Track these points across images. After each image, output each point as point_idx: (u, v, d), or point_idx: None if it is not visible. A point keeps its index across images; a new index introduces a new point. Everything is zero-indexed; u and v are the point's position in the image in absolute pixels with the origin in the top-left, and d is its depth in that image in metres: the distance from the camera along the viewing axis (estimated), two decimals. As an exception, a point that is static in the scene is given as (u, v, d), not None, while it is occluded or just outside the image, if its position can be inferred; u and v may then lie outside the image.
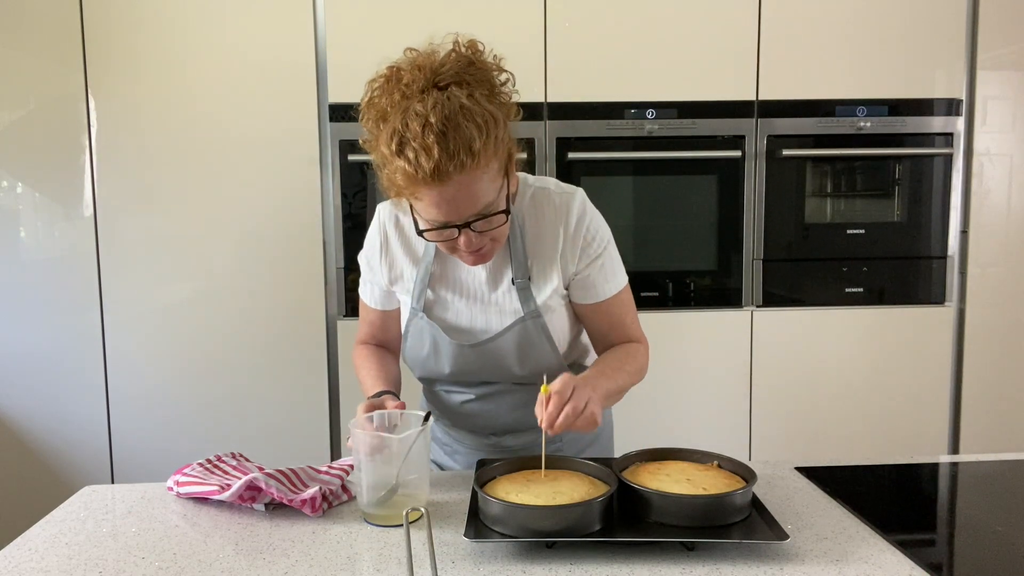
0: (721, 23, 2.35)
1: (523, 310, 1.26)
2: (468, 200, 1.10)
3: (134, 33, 2.26)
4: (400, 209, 1.29)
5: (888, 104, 2.39)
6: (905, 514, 1.15)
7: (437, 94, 1.08)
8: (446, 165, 1.05)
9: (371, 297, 1.39)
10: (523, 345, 1.27)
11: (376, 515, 1.10)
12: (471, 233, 1.13)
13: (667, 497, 1.02)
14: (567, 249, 1.26)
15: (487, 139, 1.07)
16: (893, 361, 2.45)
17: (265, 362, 2.34)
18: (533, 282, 1.27)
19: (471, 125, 1.06)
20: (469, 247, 1.14)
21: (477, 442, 1.39)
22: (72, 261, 2.31)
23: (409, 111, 1.07)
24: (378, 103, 1.13)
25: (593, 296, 1.30)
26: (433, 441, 1.46)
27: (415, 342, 1.32)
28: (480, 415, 1.36)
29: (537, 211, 1.27)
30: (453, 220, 1.11)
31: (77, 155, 2.29)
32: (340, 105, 2.28)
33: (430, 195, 1.08)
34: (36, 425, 2.34)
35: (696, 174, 2.40)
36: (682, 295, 2.42)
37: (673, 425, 2.42)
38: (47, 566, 0.98)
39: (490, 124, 1.08)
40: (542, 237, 1.26)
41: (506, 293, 1.27)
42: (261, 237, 2.32)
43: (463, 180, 1.07)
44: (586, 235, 1.27)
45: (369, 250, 1.35)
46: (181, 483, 1.19)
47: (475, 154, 1.06)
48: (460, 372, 1.31)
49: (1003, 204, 2.45)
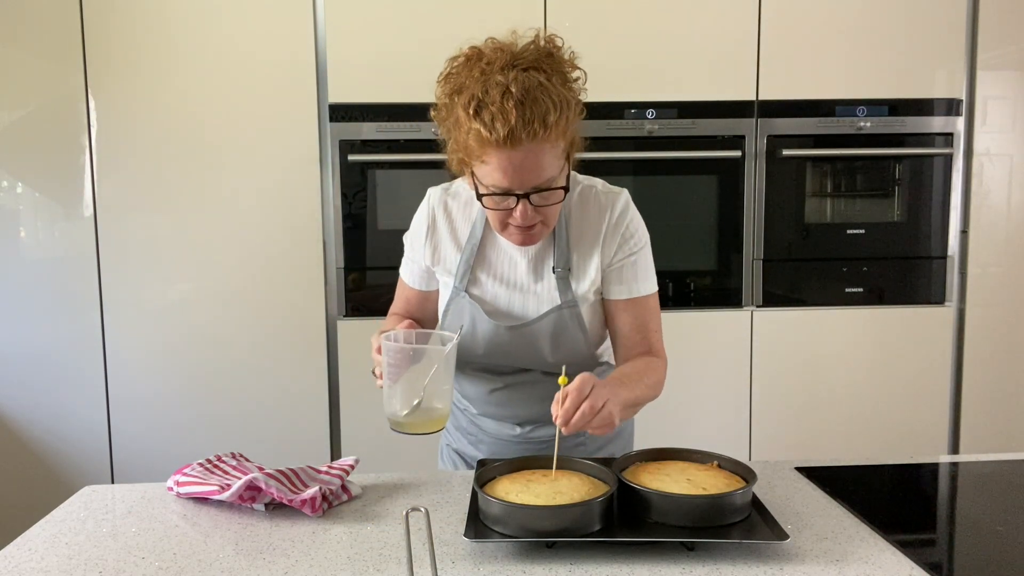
0: (721, 23, 2.35)
1: (560, 299, 1.29)
2: (533, 169, 1.14)
3: (134, 33, 2.26)
4: (449, 195, 1.35)
5: (888, 104, 2.39)
6: (905, 514, 1.15)
7: (517, 71, 1.14)
8: (520, 131, 1.10)
9: (411, 276, 1.41)
10: (557, 333, 1.30)
11: (407, 423, 1.15)
12: (528, 205, 1.17)
13: (667, 497, 1.02)
14: (608, 240, 1.30)
15: (560, 117, 1.13)
16: (893, 361, 2.45)
17: (265, 362, 2.34)
18: (573, 273, 1.30)
19: (547, 100, 1.12)
20: (524, 219, 1.18)
21: (502, 432, 1.40)
22: (72, 261, 2.31)
23: (490, 80, 1.13)
24: (456, 77, 1.18)
25: (625, 292, 1.32)
26: (458, 430, 1.47)
27: (455, 320, 1.33)
28: (507, 404, 1.37)
29: (583, 205, 1.31)
30: (515, 188, 1.15)
31: (77, 155, 2.29)
32: (340, 105, 2.28)
33: (499, 159, 1.13)
34: (36, 425, 2.34)
35: (696, 174, 2.40)
36: (682, 295, 2.42)
37: (673, 425, 2.42)
38: (47, 566, 0.98)
39: (563, 105, 1.15)
40: (585, 231, 1.30)
41: (545, 282, 1.31)
42: (261, 237, 2.32)
43: (532, 149, 1.12)
44: (626, 230, 1.31)
45: (415, 231, 1.38)
46: (181, 483, 1.19)
47: (548, 126, 1.12)
48: (493, 354, 1.32)
49: (1003, 204, 2.45)
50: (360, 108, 2.27)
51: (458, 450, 1.48)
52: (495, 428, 1.41)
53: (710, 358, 2.42)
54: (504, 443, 1.41)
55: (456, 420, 1.47)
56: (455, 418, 1.47)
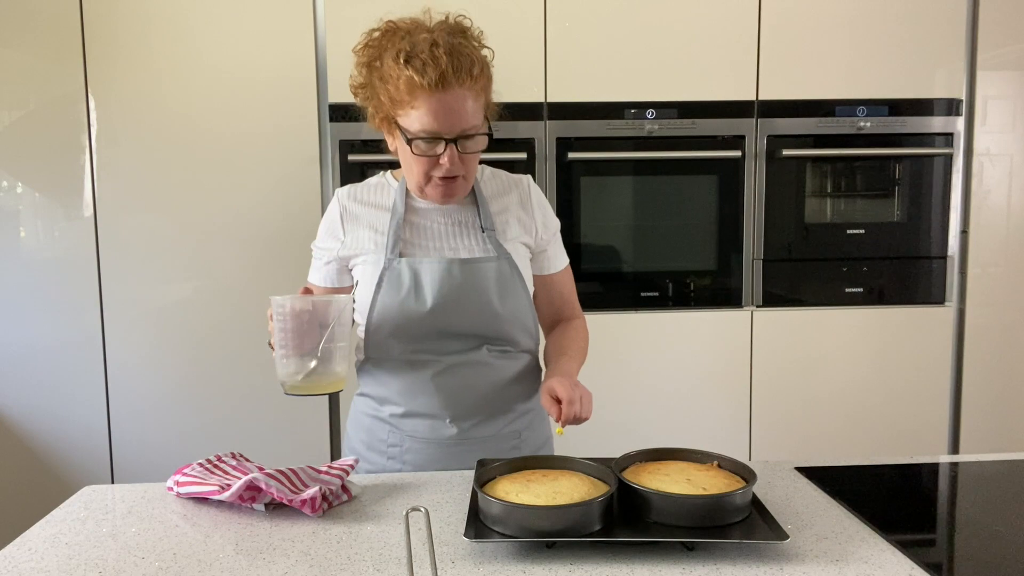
0: (721, 23, 2.35)
1: (496, 252, 1.35)
2: (461, 113, 1.22)
3: (134, 33, 2.26)
4: (357, 188, 1.42)
5: (888, 104, 2.39)
6: (905, 514, 1.15)
7: (439, 31, 1.23)
8: (451, 75, 1.19)
9: (322, 276, 1.41)
10: (501, 281, 1.33)
11: (300, 386, 1.14)
12: (455, 151, 1.24)
13: (667, 497, 1.02)
14: (534, 213, 1.40)
15: (481, 73, 1.24)
16: (893, 361, 2.45)
17: (265, 362, 2.33)
18: (500, 233, 1.37)
19: (471, 55, 1.22)
20: (451, 164, 1.24)
21: (433, 434, 1.35)
22: (72, 261, 2.31)
23: (416, 37, 1.21)
24: (375, 48, 1.27)
25: (557, 266, 1.46)
26: (371, 450, 1.40)
27: (391, 288, 1.31)
28: (445, 392, 1.34)
29: (494, 179, 1.42)
30: (444, 132, 1.22)
31: (77, 155, 2.29)
32: (340, 105, 2.28)
33: (429, 103, 1.20)
34: (36, 425, 2.34)
35: (696, 174, 2.40)
36: (682, 295, 2.42)
37: (673, 425, 2.42)
38: (47, 566, 0.98)
39: (484, 64, 1.26)
40: (501, 198, 1.40)
41: (476, 240, 1.36)
42: (261, 237, 2.32)
43: (461, 94, 1.21)
44: (547, 211, 1.43)
45: (328, 223, 1.40)
46: (181, 483, 1.19)
47: (474, 76, 1.22)
48: (443, 303, 1.30)
49: (1003, 204, 2.45)
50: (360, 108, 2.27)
51: (373, 471, 1.37)
52: (425, 429, 1.35)
53: (710, 358, 2.42)
54: (435, 448, 1.35)
55: (370, 436, 1.40)
56: (367, 435, 1.40)
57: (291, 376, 1.13)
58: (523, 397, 1.42)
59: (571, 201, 2.35)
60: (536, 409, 1.44)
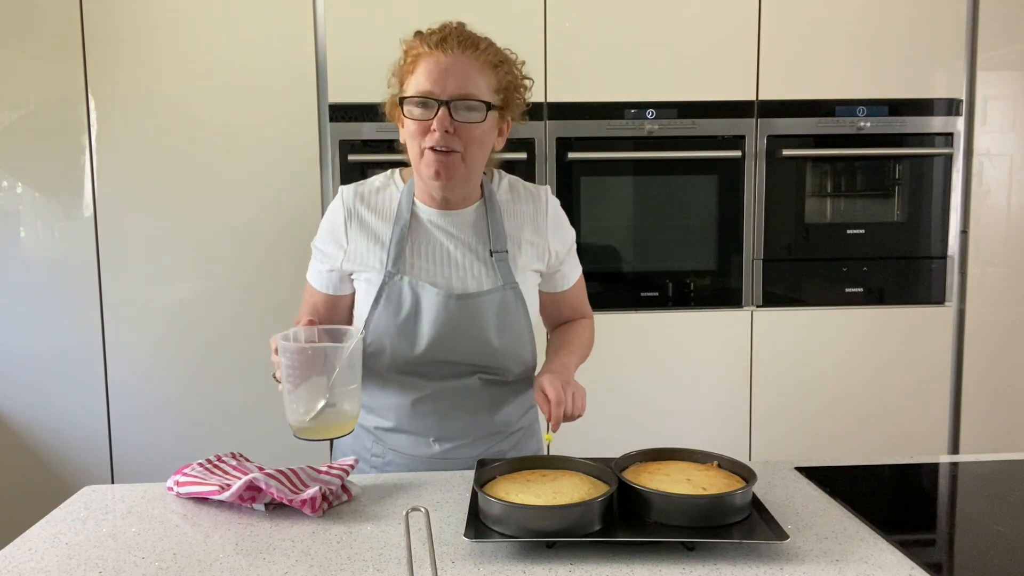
0: (721, 23, 2.35)
1: (503, 280, 1.30)
2: (458, 75, 1.19)
3: (134, 33, 2.26)
4: (363, 187, 1.35)
5: (888, 104, 2.39)
6: (905, 514, 1.15)
7: None
8: (453, 40, 1.20)
9: (320, 280, 1.36)
10: (502, 313, 1.29)
11: (313, 429, 1.11)
12: (447, 116, 1.19)
13: (667, 497, 1.02)
14: (550, 233, 1.35)
15: (491, 50, 1.23)
16: (893, 361, 2.45)
17: (265, 362, 2.33)
18: (511, 256, 1.31)
19: (485, 40, 1.24)
20: (442, 129, 1.18)
21: (416, 450, 1.35)
22: (72, 261, 2.31)
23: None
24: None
25: (571, 281, 1.42)
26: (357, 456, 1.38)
27: (389, 307, 1.27)
28: (431, 415, 1.32)
29: (512, 192, 1.36)
30: (437, 91, 1.19)
31: (77, 155, 2.29)
32: (340, 105, 2.28)
33: (426, 64, 1.20)
34: (36, 425, 2.34)
35: (696, 174, 2.40)
36: (682, 295, 2.42)
37: (673, 425, 2.42)
38: (47, 566, 0.98)
39: (499, 51, 1.24)
40: (518, 216, 1.34)
41: (484, 264, 1.30)
42: (261, 237, 2.32)
43: (460, 59, 1.20)
44: (565, 228, 1.38)
45: (330, 226, 1.34)
46: (181, 483, 1.19)
47: (479, 51, 1.21)
48: (439, 337, 1.27)
49: (1003, 204, 2.45)
50: (360, 108, 2.27)
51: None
52: (408, 445, 1.35)
53: (710, 358, 2.42)
54: (418, 463, 1.35)
55: (356, 442, 1.40)
56: (352, 440, 1.39)
57: (300, 418, 1.10)
58: (512, 419, 1.39)
59: (571, 201, 2.35)
60: (526, 427, 1.43)
